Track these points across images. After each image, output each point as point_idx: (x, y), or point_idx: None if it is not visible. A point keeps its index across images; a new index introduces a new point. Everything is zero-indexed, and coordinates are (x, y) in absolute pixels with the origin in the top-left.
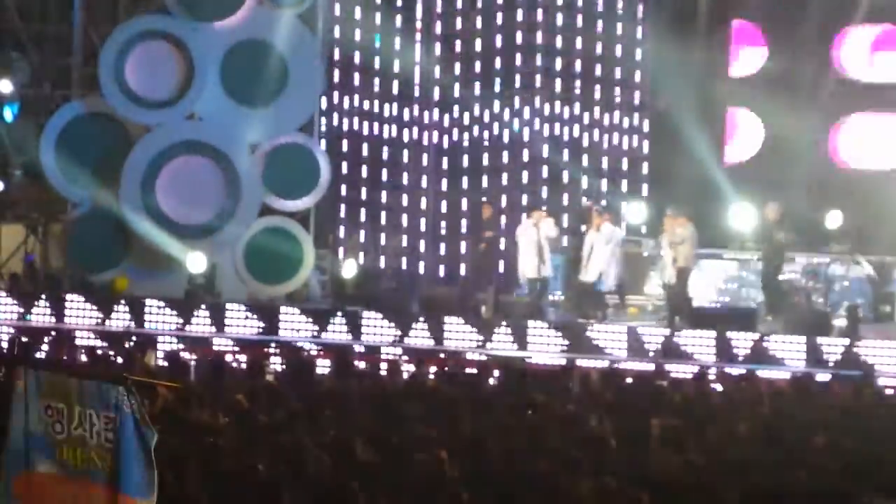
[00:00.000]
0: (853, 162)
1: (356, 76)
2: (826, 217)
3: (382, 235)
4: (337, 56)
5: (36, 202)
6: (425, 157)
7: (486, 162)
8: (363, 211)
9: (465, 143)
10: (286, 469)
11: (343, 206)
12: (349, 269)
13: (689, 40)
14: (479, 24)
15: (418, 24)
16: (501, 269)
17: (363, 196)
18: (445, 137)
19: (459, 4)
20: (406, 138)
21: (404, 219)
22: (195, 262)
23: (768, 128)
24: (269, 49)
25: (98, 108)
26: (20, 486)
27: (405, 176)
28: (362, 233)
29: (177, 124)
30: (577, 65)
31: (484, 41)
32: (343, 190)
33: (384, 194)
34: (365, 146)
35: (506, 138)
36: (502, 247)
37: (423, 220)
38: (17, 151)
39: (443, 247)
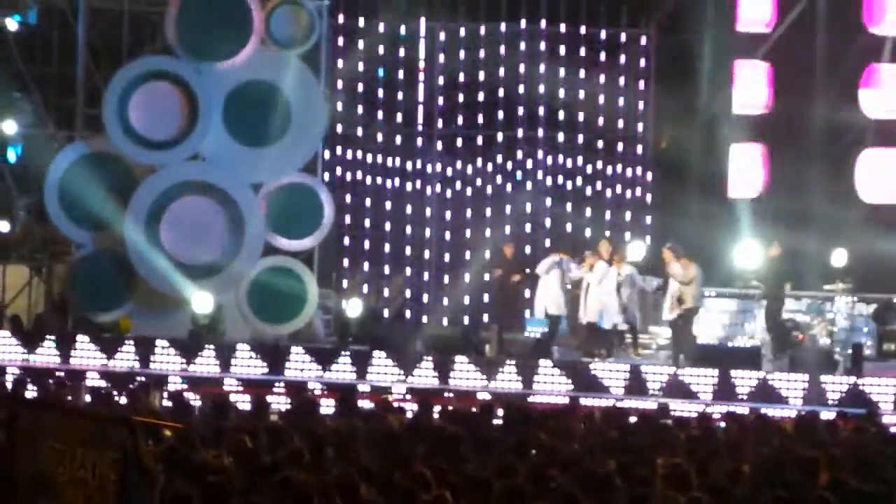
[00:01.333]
0: (868, 197)
1: (359, 128)
2: (831, 255)
3: (386, 272)
4: (340, 108)
5: (40, 243)
6: (428, 208)
7: (488, 213)
8: (366, 256)
9: (469, 194)
10: None
11: (346, 249)
12: (353, 308)
13: (692, 78)
14: (481, 75)
15: (421, 75)
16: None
17: (366, 245)
18: (448, 189)
19: (462, 56)
20: (409, 189)
21: (407, 270)
22: (202, 302)
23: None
24: (272, 90)
25: (102, 148)
26: None
27: (408, 227)
28: (365, 270)
29: (180, 165)
30: (580, 116)
31: (487, 92)
32: (346, 240)
33: (387, 245)
34: (368, 198)
35: (508, 189)
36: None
37: (426, 272)
38: (21, 192)
39: (445, 298)
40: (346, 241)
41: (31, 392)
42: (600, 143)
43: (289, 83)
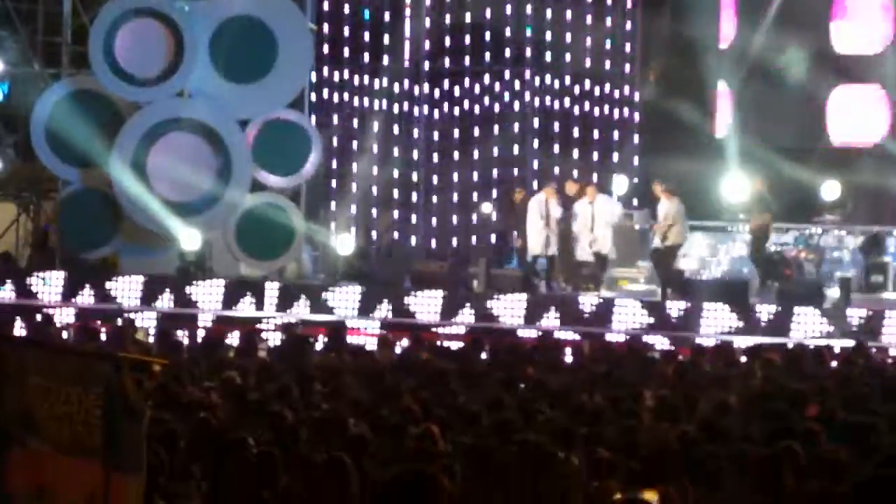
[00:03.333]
0: (837, 137)
1: (345, 50)
2: (822, 187)
3: (374, 210)
4: (326, 30)
5: (27, 180)
6: (416, 130)
7: (476, 134)
8: (354, 185)
9: (456, 116)
10: (278, 443)
11: (334, 181)
12: (344, 244)
13: (680, 12)
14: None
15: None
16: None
17: (354, 170)
18: (436, 110)
19: None
20: (396, 111)
21: (395, 192)
22: (190, 239)
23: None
24: (257, 25)
25: (88, 85)
26: (13, 464)
27: (395, 149)
28: (353, 207)
29: (167, 102)
30: (567, 36)
31: (473, 13)
32: (334, 164)
33: (374, 168)
34: (355, 120)
35: (496, 110)
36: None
37: (413, 194)
38: (8, 130)
39: (434, 220)
40: (334, 167)
41: (16, 329)
42: (587, 83)
43: (274, 18)
